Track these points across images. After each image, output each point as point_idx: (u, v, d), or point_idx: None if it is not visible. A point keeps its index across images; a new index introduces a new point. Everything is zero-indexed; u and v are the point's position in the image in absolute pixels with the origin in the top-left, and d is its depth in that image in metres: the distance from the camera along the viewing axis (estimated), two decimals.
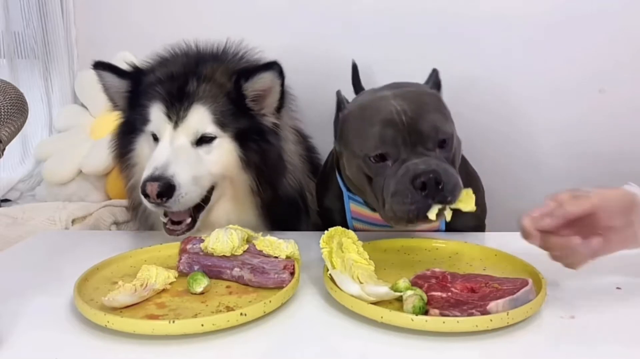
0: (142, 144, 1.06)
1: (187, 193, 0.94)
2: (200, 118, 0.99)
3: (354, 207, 1.03)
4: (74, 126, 1.65)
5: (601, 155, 1.45)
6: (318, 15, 1.51)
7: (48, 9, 1.63)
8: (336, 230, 0.80)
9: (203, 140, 1.00)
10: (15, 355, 0.63)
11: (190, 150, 0.99)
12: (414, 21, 1.48)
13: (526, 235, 0.72)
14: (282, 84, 1.04)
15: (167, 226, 1.00)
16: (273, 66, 1.02)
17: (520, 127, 1.49)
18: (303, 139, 1.25)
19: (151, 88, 1.03)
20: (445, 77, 0.97)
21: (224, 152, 1.01)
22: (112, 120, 1.14)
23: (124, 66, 1.09)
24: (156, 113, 1.01)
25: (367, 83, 1.34)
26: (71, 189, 1.53)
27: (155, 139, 1.02)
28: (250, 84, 1.02)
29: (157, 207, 0.95)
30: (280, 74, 1.02)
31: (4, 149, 0.87)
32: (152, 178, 0.92)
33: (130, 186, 1.11)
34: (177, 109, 0.99)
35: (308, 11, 1.52)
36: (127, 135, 1.08)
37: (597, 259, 0.72)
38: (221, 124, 1.00)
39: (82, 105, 1.69)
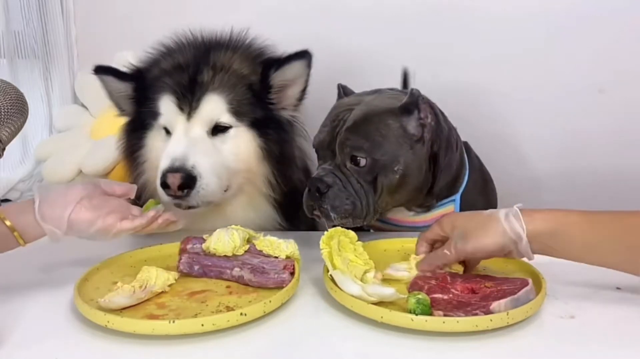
0: (153, 139, 1.02)
1: (208, 184, 0.92)
2: (213, 107, 0.96)
3: None
4: (74, 126, 1.65)
5: (600, 157, 1.44)
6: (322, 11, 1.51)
7: (48, 8, 1.63)
8: (336, 230, 0.80)
9: (218, 129, 0.97)
10: (15, 355, 0.63)
11: (207, 140, 0.96)
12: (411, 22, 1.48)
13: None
14: (309, 75, 1.01)
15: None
16: (305, 55, 0.99)
17: (518, 129, 1.49)
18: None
19: (158, 80, 1.00)
20: (446, 77, 0.97)
21: (242, 142, 0.99)
22: (112, 120, 1.13)
23: (124, 66, 1.06)
24: (167, 105, 0.97)
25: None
26: None
27: (168, 132, 0.98)
28: (280, 73, 1.00)
29: (176, 200, 0.92)
30: (309, 65, 1.00)
31: (4, 149, 0.88)
32: (173, 169, 0.89)
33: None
34: (189, 99, 0.96)
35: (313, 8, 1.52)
36: (136, 131, 1.03)
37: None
38: (237, 113, 0.98)
39: (82, 105, 1.69)
